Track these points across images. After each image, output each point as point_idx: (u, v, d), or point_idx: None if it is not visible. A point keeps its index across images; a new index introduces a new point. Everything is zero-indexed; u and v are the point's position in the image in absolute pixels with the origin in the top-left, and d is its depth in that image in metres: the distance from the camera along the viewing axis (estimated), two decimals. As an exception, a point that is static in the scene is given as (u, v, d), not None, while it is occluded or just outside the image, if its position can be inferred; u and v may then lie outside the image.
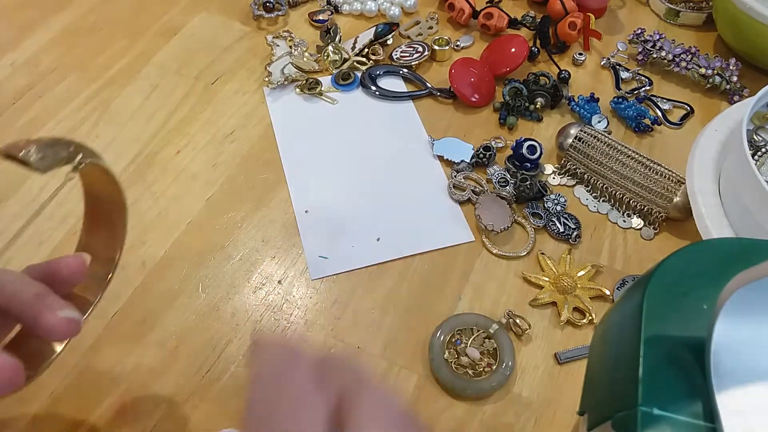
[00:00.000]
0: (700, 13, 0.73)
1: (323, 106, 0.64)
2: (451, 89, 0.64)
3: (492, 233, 0.53)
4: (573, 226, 0.54)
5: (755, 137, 0.53)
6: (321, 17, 0.72)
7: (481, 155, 0.59)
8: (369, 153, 0.60)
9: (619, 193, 0.56)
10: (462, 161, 0.59)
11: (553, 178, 0.59)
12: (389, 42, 0.69)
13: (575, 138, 0.57)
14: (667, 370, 0.22)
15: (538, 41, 0.70)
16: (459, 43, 0.70)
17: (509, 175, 0.57)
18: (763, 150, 0.52)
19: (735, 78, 0.65)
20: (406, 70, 0.67)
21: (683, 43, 0.68)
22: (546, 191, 0.57)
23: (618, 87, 0.67)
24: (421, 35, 0.71)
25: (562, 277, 0.51)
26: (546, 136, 0.62)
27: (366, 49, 0.67)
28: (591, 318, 0.49)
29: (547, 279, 0.51)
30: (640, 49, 0.69)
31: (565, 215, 0.55)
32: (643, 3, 0.77)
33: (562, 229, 0.54)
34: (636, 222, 0.55)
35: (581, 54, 0.69)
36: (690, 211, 0.51)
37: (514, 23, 0.72)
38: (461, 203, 0.56)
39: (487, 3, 0.74)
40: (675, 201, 0.53)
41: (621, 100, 0.64)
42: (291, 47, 0.68)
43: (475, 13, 0.71)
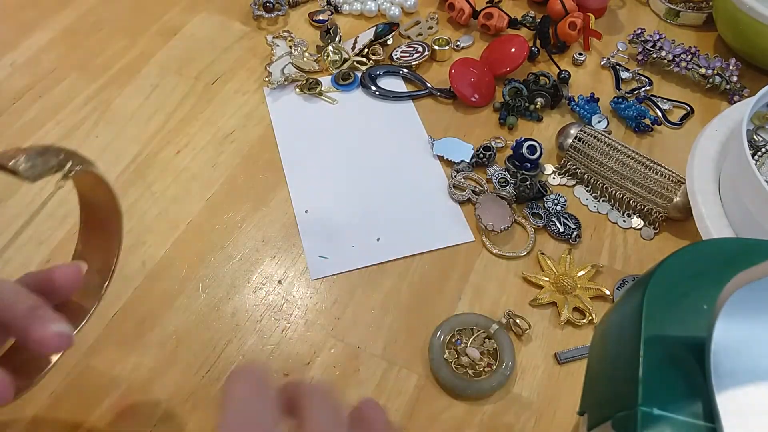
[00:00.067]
0: (700, 13, 0.73)
1: (323, 106, 0.64)
2: (451, 89, 0.64)
3: (492, 233, 0.53)
4: (573, 226, 0.54)
5: (755, 137, 0.53)
6: (321, 17, 0.71)
7: (481, 155, 0.59)
8: (369, 153, 0.60)
9: (619, 193, 0.56)
10: (462, 161, 0.59)
11: (553, 178, 0.59)
12: (389, 42, 0.69)
13: (575, 138, 0.57)
14: (667, 370, 0.22)
15: (538, 41, 0.70)
16: (459, 43, 0.70)
17: (509, 175, 0.57)
18: (763, 150, 0.52)
19: (735, 78, 0.65)
20: (406, 70, 0.67)
21: (683, 43, 0.68)
22: (546, 191, 0.57)
23: (618, 87, 0.67)
24: (421, 35, 0.71)
25: (562, 277, 0.51)
26: (546, 136, 0.62)
27: (366, 49, 0.67)
28: (591, 318, 0.49)
29: (547, 279, 0.51)
30: (640, 49, 0.69)
31: (565, 215, 0.55)
32: (643, 3, 0.77)
33: (562, 229, 0.54)
34: (636, 222, 0.55)
35: (581, 54, 0.69)
36: (690, 211, 0.51)
37: (514, 23, 0.72)
38: (461, 203, 0.56)
39: (487, 3, 0.74)
40: (675, 201, 0.53)
41: (621, 100, 0.64)
42: (291, 47, 0.68)
43: (475, 13, 0.71)
